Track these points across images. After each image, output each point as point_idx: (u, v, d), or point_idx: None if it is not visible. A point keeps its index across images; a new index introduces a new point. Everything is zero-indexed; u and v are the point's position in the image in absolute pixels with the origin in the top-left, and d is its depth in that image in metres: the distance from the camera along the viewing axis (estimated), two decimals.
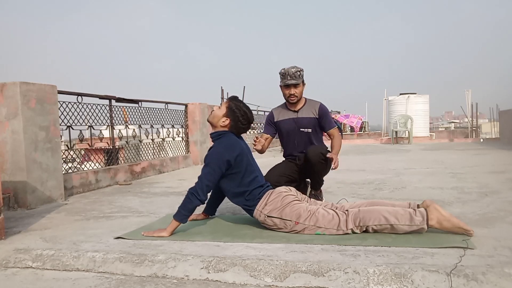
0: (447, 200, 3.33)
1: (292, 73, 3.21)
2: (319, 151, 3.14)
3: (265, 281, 1.88)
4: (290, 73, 3.21)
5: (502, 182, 4.16)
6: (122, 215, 3.25)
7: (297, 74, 3.21)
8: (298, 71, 3.22)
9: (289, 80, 3.21)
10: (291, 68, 3.22)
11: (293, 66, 3.24)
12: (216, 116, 2.68)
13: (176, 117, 6.92)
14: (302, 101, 3.36)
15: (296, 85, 3.23)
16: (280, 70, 3.26)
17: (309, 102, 3.38)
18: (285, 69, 3.24)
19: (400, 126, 12.66)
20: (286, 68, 3.24)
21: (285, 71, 3.23)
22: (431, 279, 1.73)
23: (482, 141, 12.54)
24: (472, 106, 18.45)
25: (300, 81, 3.24)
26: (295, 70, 3.21)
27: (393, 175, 4.98)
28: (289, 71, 3.21)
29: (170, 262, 2.05)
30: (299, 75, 3.23)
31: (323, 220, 2.40)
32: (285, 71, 3.22)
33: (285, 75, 3.22)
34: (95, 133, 5.43)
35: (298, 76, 3.22)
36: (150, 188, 4.68)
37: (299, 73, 3.22)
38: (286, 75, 3.22)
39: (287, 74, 3.21)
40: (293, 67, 3.23)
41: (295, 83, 3.21)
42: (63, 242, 2.46)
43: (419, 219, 2.26)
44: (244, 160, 2.61)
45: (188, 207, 2.49)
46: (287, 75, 3.21)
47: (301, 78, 3.25)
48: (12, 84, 3.63)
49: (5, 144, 3.64)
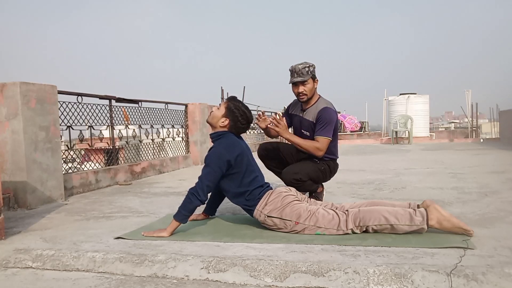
0: (447, 200, 3.33)
1: (299, 70, 3.04)
2: (291, 176, 3.02)
3: (265, 281, 1.88)
4: (297, 70, 3.05)
5: (502, 182, 4.16)
6: (122, 215, 3.25)
7: (305, 71, 3.04)
8: (306, 66, 3.04)
9: (296, 78, 3.06)
10: (298, 65, 3.06)
11: (301, 62, 3.07)
12: (215, 117, 2.68)
13: (176, 117, 6.92)
14: (314, 99, 3.18)
15: (303, 82, 3.07)
16: (290, 67, 3.11)
17: (318, 103, 3.18)
18: (293, 66, 3.08)
19: (400, 126, 12.66)
20: (294, 64, 3.08)
21: (292, 68, 3.08)
22: (431, 279, 1.73)
23: (482, 141, 12.54)
24: (472, 106, 18.47)
25: (308, 77, 3.05)
26: (302, 66, 3.04)
27: (393, 175, 4.98)
28: (296, 67, 3.06)
29: (170, 262, 2.05)
30: (307, 72, 3.05)
31: (323, 220, 2.40)
32: (293, 68, 3.08)
33: (292, 72, 3.08)
34: (95, 133, 5.43)
35: (306, 73, 3.04)
36: (150, 188, 4.68)
37: (307, 69, 3.04)
38: (293, 72, 3.08)
39: (294, 71, 3.07)
40: (302, 63, 3.06)
41: (301, 80, 3.05)
42: (63, 242, 2.46)
43: (419, 219, 2.26)
44: (244, 160, 2.61)
45: (188, 207, 2.49)
46: (294, 72, 3.07)
47: (310, 75, 3.05)
48: (12, 84, 3.63)
49: (5, 144, 3.64)
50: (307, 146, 3.07)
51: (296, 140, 3.08)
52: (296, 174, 3.03)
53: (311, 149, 3.07)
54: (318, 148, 3.07)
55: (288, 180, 3.06)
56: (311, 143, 3.09)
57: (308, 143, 3.09)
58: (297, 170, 3.07)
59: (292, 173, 3.05)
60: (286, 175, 3.06)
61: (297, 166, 3.14)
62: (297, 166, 3.13)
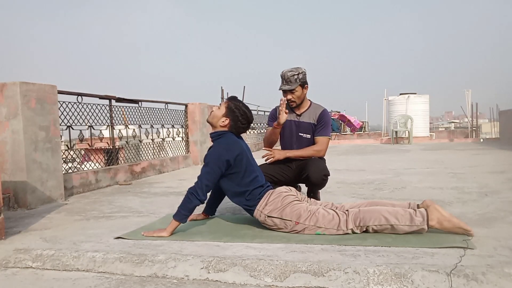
0: (447, 200, 3.33)
1: (288, 78, 3.05)
2: (321, 173, 3.05)
3: (265, 281, 1.88)
4: (286, 77, 3.06)
5: (502, 182, 4.16)
6: (122, 215, 3.25)
7: (293, 79, 3.04)
8: (296, 74, 3.05)
9: (284, 86, 3.08)
10: (287, 72, 3.06)
11: (291, 69, 3.08)
12: (216, 117, 2.68)
13: (176, 117, 6.92)
14: (306, 104, 3.24)
15: (291, 91, 3.09)
16: (281, 72, 3.14)
17: (313, 106, 3.25)
18: (283, 72, 3.10)
19: (400, 126, 12.66)
20: (285, 70, 3.09)
21: (282, 74, 3.09)
22: (431, 279, 1.73)
23: (482, 141, 12.54)
24: (472, 106, 18.48)
25: (296, 85, 3.06)
26: (291, 74, 3.04)
27: (393, 175, 4.98)
28: (286, 74, 3.06)
29: (170, 262, 2.05)
30: (296, 79, 3.05)
31: (323, 220, 2.40)
32: (283, 74, 3.09)
33: (282, 79, 3.10)
34: (95, 133, 5.43)
35: (294, 81, 3.05)
36: (150, 188, 4.68)
37: (296, 76, 3.05)
38: (283, 79, 3.09)
39: (283, 78, 3.08)
40: (291, 70, 3.07)
41: (289, 89, 3.07)
42: (63, 242, 2.46)
43: (420, 220, 2.26)
44: (244, 160, 2.61)
45: (188, 207, 2.49)
46: (283, 79, 3.09)
47: (298, 83, 3.06)
48: (12, 84, 3.63)
49: (5, 144, 3.64)
50: (308, 153, 3.17)
51: (296, 153, 3.16)
52: (324, 170, 3.08)
53: (313, 154, 3.18)
54: (318, 150, 3.19)
55: (319, 178, 3.05)
56: (310, 149, 3.19)
57: (308, 150, 3.18)
58: (322, 167, 3.09)
59: (320, 170, 3.05)
60: (316, 174, 3.04)
61: (316, 163, 3.11)
62: (317, 164, 3.10)
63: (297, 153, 3.16)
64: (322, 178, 3.07)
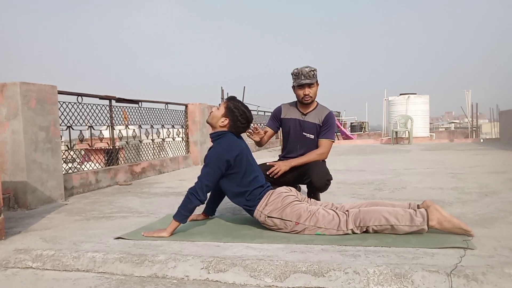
0: (447, 200, 3.33)
1: (306, 73, 3.12)
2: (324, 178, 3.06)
3: (265, 281, 1.88)
4: (304, 73, 3.12)
5: (502, 182, 4.16)
6: (122, 215, 3.25)
7: (311, 74, 3.12)
8: (312, 70, 3.13)
9: (304, 80, 3.12)
10: (304, 68, 3.13)
11: (306, 66, 3.15)
12: (215, 117, 2.68)
13: (176, 117, 6.92)
14: (314, 104, 3.27)
15: (310, 85, 3.14)
16: (293, 70, 3.18)
17: (319, 107, 3.29)
18: (298, 69, 3.15)
19: (400, 127, 12.66)
20: (300, 68, 3.15)
21: (298, 71, 3.15)
22: (431, 279, 1.73)
23: (482, 141, 12.53)
24: (472, 106, 18.49)
25: (315, 80, 3.14)
26: (309, 69, 3.12)
27: (393, 176, 4.98)
28: (303, 70, 3.13)
29: (170, 263, 2.05)
30: (313, 75, 3.13)
31: (323, 220, 2.40)
32: (299, 71, 3.14)
33: (299, 75, 3.14)
34: (95, 133, 5.44)
35: (312, 76, 3.12)
36: (150, 189, 4.68)
37: (313, 72, 3.13)
38: (300, 75, 3.13)
39: (301, 74, 3.13)
40: (307, 66, 3.15)
41: (309, 82, 3.12)
42: (63, 242, 2.46)
43: (420, 220, 2.26)
44: (244, 160, 2.61)
45: (188, 207, 2.49)
46: (301, 74, 3.13)
47: (315, 78, 3.15)
48: (12, 84, 3.63)
49: (5, 144, 3.64)
50: (312, 158, 3.17)
51: (300, 161, 3.16)
52: (327, 175, 3.10)
53: (317, 158, 3.18)
54: (321, 153, 3.20)
55: (322, 184, 3.07)
56: (314, 153, 3.19)
57: (311, 155, 3.18)
58: (324, 172, 3.10)
59: (324, 175, 3.07)
60: (319, 179, 3.05)
61: (318, 168, 3.11)
62: (320, 169, 3.10)
63: (301, 160, 3.16)
64: (325, 183, 3.09)
